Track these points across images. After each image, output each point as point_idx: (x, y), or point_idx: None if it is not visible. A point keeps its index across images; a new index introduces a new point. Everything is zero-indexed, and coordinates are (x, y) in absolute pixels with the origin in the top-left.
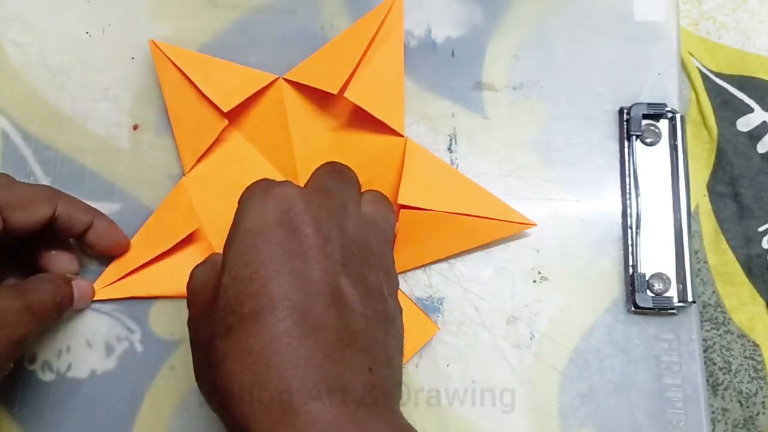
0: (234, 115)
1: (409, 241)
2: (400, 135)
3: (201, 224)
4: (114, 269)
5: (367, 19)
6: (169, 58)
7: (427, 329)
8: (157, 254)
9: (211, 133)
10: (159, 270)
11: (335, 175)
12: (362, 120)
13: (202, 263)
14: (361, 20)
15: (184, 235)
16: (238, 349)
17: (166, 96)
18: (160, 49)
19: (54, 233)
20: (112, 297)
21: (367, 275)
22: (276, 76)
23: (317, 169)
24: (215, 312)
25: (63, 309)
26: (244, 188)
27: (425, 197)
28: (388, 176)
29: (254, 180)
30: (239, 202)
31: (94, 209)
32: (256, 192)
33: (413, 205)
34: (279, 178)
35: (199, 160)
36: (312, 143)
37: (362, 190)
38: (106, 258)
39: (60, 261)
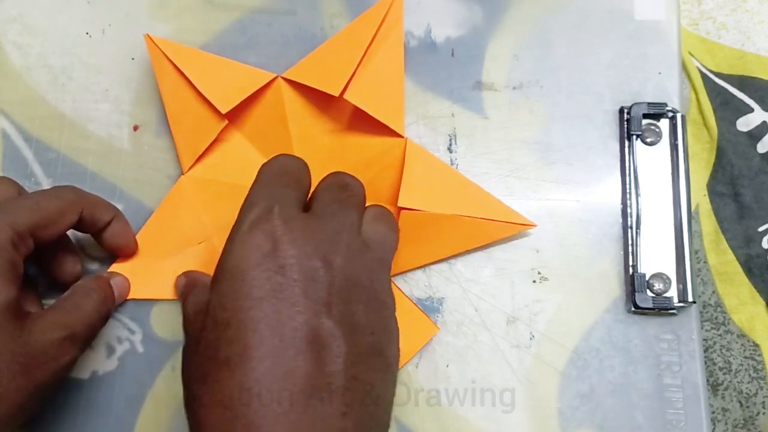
0: (233, 115)
1: (409, 241)
2: (400, 136)
3: (208, 231)
4: (117, 270)
5: (366, 17)
6: (165, 55)
7: (427, 330)
8: (161, 260)
9: (211, 132)
10: (161, 272)
11: (338, 194)
12: (362, 121)
13: (195, 288)
14: (359, 18)
15: (194, 245)
16: (210, 398)
17: (164, 93)
18: (156, 45)
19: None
20: None
21: (354, 311)
22: (275, 75)
23: (320, 184)
24: (197, 354)
25: (108, 316)
26: (244, 191)
27: (425, 199)
28: (388, 177)
29: (253, 180)
30: (233, 228)
31: (115, 207)
32: (243, 226)
33: (413, 207)
34: None
35: (198, 159)
36: (311, 144)
37: (367, 204)
38: (108, 260)
39: (65, 264)
